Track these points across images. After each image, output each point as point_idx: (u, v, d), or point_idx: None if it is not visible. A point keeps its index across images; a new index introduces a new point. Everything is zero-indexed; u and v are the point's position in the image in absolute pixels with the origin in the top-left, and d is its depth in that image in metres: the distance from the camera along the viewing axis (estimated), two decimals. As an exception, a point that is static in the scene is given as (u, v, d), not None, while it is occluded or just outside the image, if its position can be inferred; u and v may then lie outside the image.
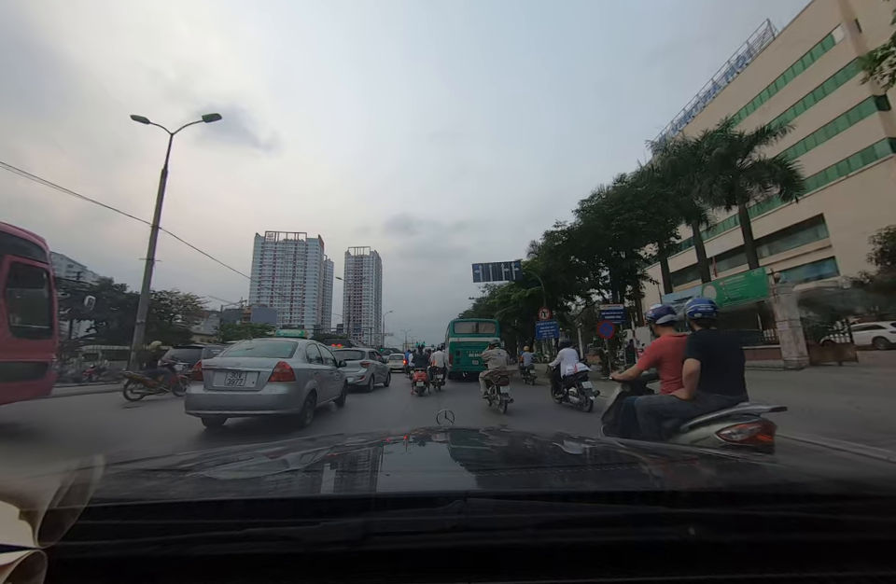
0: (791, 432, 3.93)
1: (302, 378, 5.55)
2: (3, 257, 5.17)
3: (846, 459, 2.05)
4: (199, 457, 1.14)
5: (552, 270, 18.95)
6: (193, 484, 0.87)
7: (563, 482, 0.89)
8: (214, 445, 4.54)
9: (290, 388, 5.20)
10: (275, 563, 0.51)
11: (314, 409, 5.94)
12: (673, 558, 0.52)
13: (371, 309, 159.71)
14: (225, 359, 5.49)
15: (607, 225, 15.46)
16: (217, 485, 0.89)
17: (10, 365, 5.12)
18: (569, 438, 1.72)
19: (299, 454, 1.24)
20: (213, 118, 14.06)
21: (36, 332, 5.76)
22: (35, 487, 0.62)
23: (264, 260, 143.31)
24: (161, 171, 13.60)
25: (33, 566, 0.44)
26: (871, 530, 0.56)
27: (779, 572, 0.51)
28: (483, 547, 0.53)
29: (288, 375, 5.24)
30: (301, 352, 6.03)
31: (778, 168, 17.26)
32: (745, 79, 33.42)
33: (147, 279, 13.17)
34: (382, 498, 0.66)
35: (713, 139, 18.76)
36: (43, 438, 5.24)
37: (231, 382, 5.12)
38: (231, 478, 0.96)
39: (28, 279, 5.73)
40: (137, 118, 13.54)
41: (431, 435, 1.56)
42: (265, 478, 0.96)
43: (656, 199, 15.98)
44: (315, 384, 5.95)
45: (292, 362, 5.50)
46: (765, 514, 0.58)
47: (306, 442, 1.49)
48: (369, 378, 11.60)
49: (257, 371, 5.14)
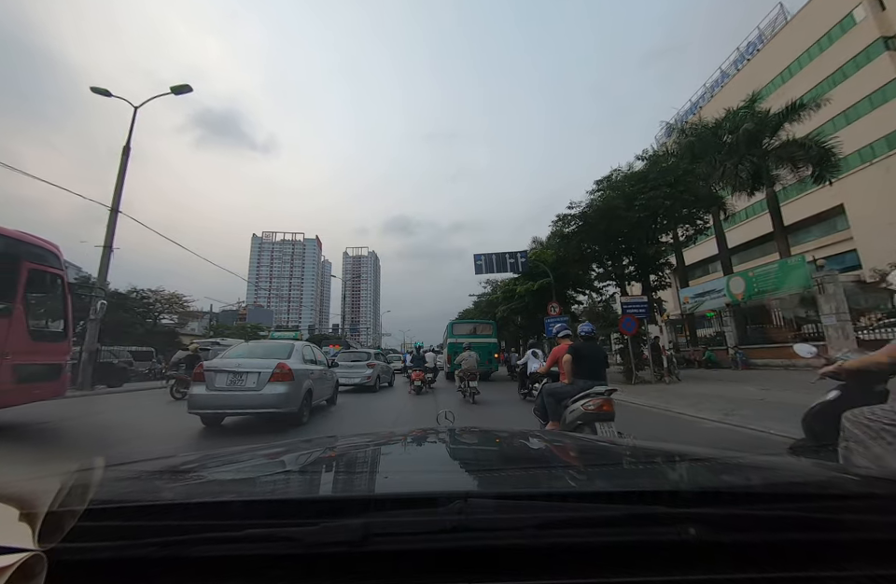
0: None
1: (300, 378, 5.86)
2: (21, 264, 5.62)
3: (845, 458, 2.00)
4: (199, 459, 1.17)
5: (563, 259, 17.42)
6: (193, 485, 0.88)
7: (563, 482, 0.91)
8: (223, 441, 4.97)
9: (290, 387, 5.55)
10: (275, 563, 0.52)
11: (310, 407, 6.32)
12: (673, 558, 0.53)
13: (370, 309, 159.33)
14: (226, 361, 5.82)
15: (628, 205, 13.65)
16: (217, 486, 0.90)
17: (29, 367, 5.51)
18: (570, 439, 1.74)
19: (298, 455, 1.26)
20: (182, 89, 13.18)
21: (52, 335, 6.14)
22: (35, 488, 0.63)
23: (261, 261, 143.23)
24: (123, 148, 13.02)
25: (32, 568, 0.44)
26: (870, 530, 0.57)
27: (779, 572, 0.51)
28: (483, 547, 0.54)
29: (288, 375, 5.57)
30: (298, 353, 6.39)
31: (813, 146, 16.08)
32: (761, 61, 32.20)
33: (103, 269, 12.31)
34: (382, 499, 0.67)
35: (737, 117, 17.61)
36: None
37: (232, 383, 5.45)
38: (230, 479, 0.98)
39: (44, 285, 6.11)
40: (98, 91, 12.64)
41: (431, 435, 1.57)
42: (265, 479, 0.98)
43: (684, 176, 14.45)
44: (311, 384, 6.31)
45: (291, 363, 5.83)
46: (765, 514, 0.58)
47: (306, 443, 1.53)
48: (375, 378, 12.00)
49: (258, 372, 5.47)
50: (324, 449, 1.36)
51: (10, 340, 5.25)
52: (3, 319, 5.23)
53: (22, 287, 5.52)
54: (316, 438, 1.63)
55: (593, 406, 3.46)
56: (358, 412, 7.70)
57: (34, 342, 5.61)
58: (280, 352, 6.23)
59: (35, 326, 5.84)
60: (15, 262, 5.55)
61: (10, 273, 5.47)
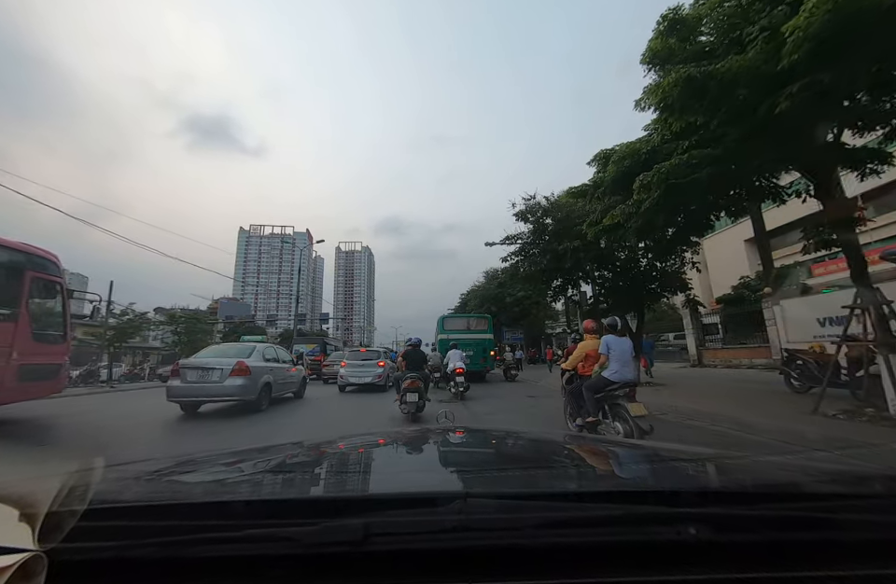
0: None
1: (258, 373, 7.54)
2: (25, 273, 6.67)
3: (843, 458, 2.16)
4: (199, 459, 1.20)
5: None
6: (193, 486, 0.93)
7: (563, 482, 0.94)
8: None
9: (247, 380, 7.19)
10: (276, 563, 0.53)
11: (269, 397, 7.93)
12: (673, 558, 0.54)
13: (363, 306, 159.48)
14: (196, 360, 7.58)
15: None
16: (217, 486, 0.93)
17: (32, 367, 6.54)
18: (570, 438, 1.72)
19: (298, 456, 1.30)
20: None
21: (52, 338, 7.17)
22: (35, 489, 0.64)
23: (249, 255, 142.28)
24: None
25: (33, 568, 0.46)
26: (870, 529, 0.58)
27: (779, 572, 0.53)
28: (483, 547, 0.55)
29: (245, 371, 7.22)
30: (258, 353, 8.15)
31: None
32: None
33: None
34: (382, 499, 0.69)
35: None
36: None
37: (201, 377, 7.08)
38: (230, 479, 1.00)
39: (45, 291, 7.15)
40: None
41: (431, 435, 1.62)
42: (265, 479, 1.01)
43: None
44: (270, 378, 7.96)
45: (249, 361, 7.50)
46: (765, 514, 0.60)
47: (306, 444, 1.54)
48: (385, 377, 11.99)
49: (220, 368, 7.11)
50: (324, 449, 1.39)
51: (16, 342, 6.33)
52: (9, 323, 6.34)
53: (26, 294, 6.56)
54: (316, 439, 1.69)
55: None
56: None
57: (36, 344, 6.67)
58: (242, 352, 7.92)
59: (37, 329, 6.89)
60: (19, 271, 6.59)
61: (15, 281, 6.51)
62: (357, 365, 12.09)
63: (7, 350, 6.28)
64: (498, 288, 25.51)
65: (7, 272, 6.57)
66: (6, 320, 6.37)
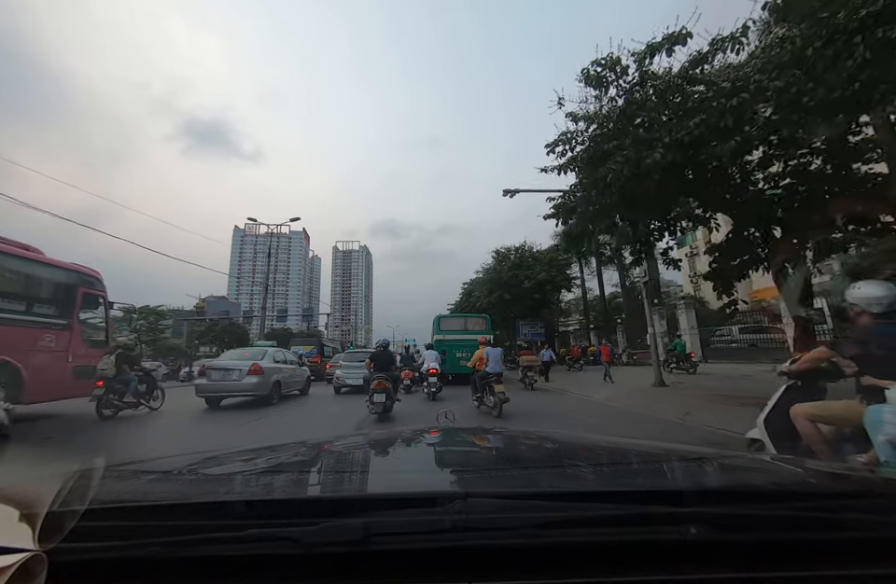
0: None
1: (269, 372, 9.35)
2: (77, 289, 8.48)
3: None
4: (199, 459, 1.21)
5: None
6: (193, 485, 0.95)
7: (563, 482, 0.94)
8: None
9: (261, 378, 8.96)
10: (275, 563, 0.54)
11: (279, 393, 9.70)
12: (673, 558, 0.55)
13: (361, 306, 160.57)
14: (220, 361, 9.49)
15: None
16: (217, 486, 0.95)
17: (86, 367, 8.11)
18: (570, 438, 1.81)
19: (298, 456, 1.33)
20: None
21: (98, 343, 8.91)
22: (35, 489, 0.65)
23: (244, 254, 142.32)
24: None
25: (33, 568, 0.46)
26: (870, 529, 0.59)
27: (779, 572, 0.53)
28: (483, 547, 0.56)
29: (260, 371, 9.01)
30: (270, 356, 10.02)
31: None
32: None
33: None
34: (381, 498, 0.71)
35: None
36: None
37: (223, 376, 8.85)
38: (230, 479, 1.02)
39: (92, 303, 8.97)
40: None
41: (431, 435, 1.65)
42: (265, 479, 1.03)
43: None
44: (280, 377, 9.82)
45: (262, 363, 9.33)
46: (765, 514, 0.60)
47: (305, 444, 1.56)
48: None
49: (239, 369, 8.88)
50: (324, 449, 1.42)
51: (72, 347, 8.07)
52: (66, 332, 8.06)
53: (78, 307, 8.36)
54: (316, 439, 1.71)
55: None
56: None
57: (86, 348, 8.37)
58: (257, 355, 9.79)
59: (86, 335, 8.64)
60: (73, 288, 8.38)
61: (70, 296, 8.28)
62: (352, 367, 11.96)
63: (65, 354, 8.03)
64: (511, 270, 21.54)
65: (65, 289, 8.37)
66: (63, 329, 8.09)
